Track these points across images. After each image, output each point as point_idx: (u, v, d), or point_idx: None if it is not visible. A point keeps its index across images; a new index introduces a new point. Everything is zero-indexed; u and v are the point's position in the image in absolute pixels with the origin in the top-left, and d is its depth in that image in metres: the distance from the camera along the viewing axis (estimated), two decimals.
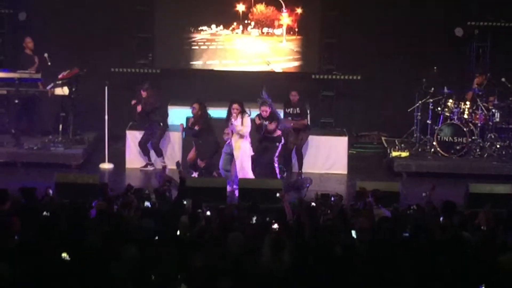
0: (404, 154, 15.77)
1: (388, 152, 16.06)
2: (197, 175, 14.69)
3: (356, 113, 17.68)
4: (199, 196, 11.37)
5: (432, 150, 15.88)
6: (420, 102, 16.20)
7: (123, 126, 16.06)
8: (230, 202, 12.83)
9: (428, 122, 16.13)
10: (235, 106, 14.01)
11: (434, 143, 15.80)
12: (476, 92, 16.08)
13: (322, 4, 17.28)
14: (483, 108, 15.80)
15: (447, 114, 15.93)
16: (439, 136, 15.76)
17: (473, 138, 15.74)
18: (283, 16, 17.28)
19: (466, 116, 15.86)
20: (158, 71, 17.33)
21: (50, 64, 15.96)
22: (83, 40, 17.18)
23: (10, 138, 15.69)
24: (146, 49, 17.44)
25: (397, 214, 10.99)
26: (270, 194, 11.80)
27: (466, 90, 16.31)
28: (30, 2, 17.09)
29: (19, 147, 15.50)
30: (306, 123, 15.48)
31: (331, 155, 15.76)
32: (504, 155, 15.68)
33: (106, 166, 15.57)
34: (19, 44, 16.72)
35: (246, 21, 17.30)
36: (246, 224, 9.78)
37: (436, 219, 10.31)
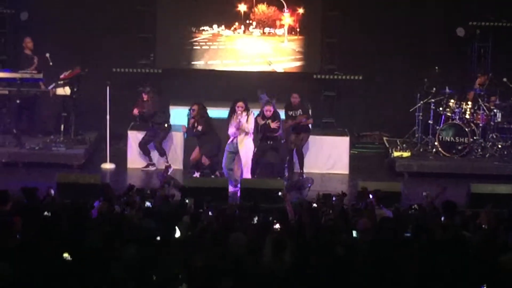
0: (406, 154, 15.77)
1: (390, 152, 16.06)
2: (198, 175, 14.70)
3: (358, 113, 17.68)
4: (201, 196, 11.37)
5: (434, 150, 15.87)
6: (421, 102, 16.19)
7: (124, 126, 16.06)
8: (231, 202, 12.83)
9: (429, 122, 16.12)
10: (240, 104, 14.05)
11: (436, 143, 15.79)
12: (477, 92, 16.08)
13: (324, 4, 17.29)
14: (484, 108, 15.80)
15: (448, 114, 15.93)
16: (440, 136, 15.76)
17: (474, 138, 15.73)
18: (284, 16, 17.29)
19: (467, 116, 15.86)
20: (159, 71, 17.33)
21: (51, 64, 15.96)
22: (85, 40, 17.19)
23: (12, 138, 15.68)
24: (147, 49, 17.44)
25: (398, 214, 10.98)
26: (272, 194, 11.80)
27: (468, 90, 16.30)
28: (31, 2, 17.10)
29: (21, 147, 15.50)
30: (312, 121, 15.50)
31: (332, 155, 15.76)
32: (506, 155, 15.68)
33: (107, 166, 15.58)
34: (21, 44, 16.71)
35: (248, 21, 17.30)
36: (248, 224, 9.78)
37: (438, 219, 10.30)
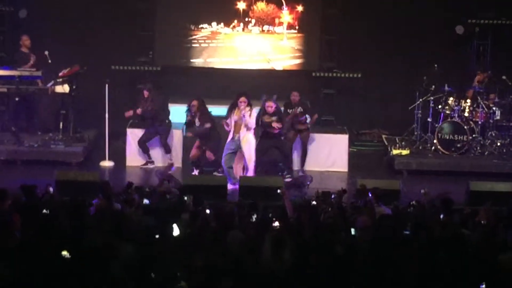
0: (405, 152, 15.77)
1: (389, 150, 16.05)
2: (197, 172, 14.69)
3: (357, 111, 17.68)
4: (200, 193, 11.36)
5: (433, 148, 15.86)
6: (420, 100, 16.18)
7: (123, 124, 16.04)
8: (230, 200, 12.82)
9: (428, 120, 16.11)
10: (242, 99, 14.02)
11: (435, 141, 15.79)
12: (476, 90, 16.08)
13: (323, 2, 17.31)
14: (483, 106, 15.80)
15: (447, 112, 15.92)
16: (439, 134, 15.75)
17: (473, 136, 15.73)
18: (283, 14, 17.28)
19: (466, 114, 15.86)
20: (158, 68, 17.32)
21: (50, 61, 15.94)
22: (84, 37, 17.18)
23: (11, 136, 15.67)
24: (146, 46, 17.44)
25: (397, 212, 10.98)
26: (271, 192, 11.79)
27: (467, 88, 16.31)
28: (30, 0, 17.08)
29: (20, 144, 15.49)
30: (316, 116, 15.54)
31: (331, 153, 15.74)
32: (505, 153, 15.68)
33: (106, 164, 15.57)
34: (19, 42, 16.69)
35: (247, 18, 17.31)
36: (246, 222, 9.77)
37: (437, 217, 10.30)
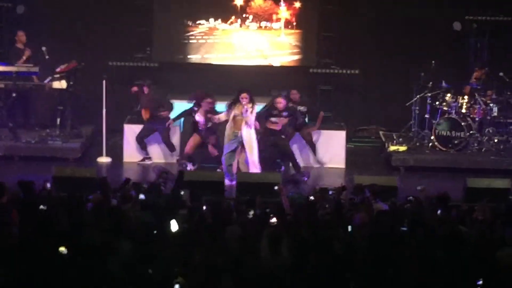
0: (402, 149, 15.77)
1: (386, 146, 16.06)
2: (192, 167, 14.63)
3: (354, 107, 17.67)
4: (197, 189, 11.36)
5: (430, 144, 15.86)
6: (418, 96, 16.18)
7: (121, 120, 16.04)
8: (228, 196, 12.82)
9: (426, 116, 16.11)
10: (244, 95, 13.99)
11: (432, 138, 15.79)
12: (474, 86, 16.09)
13: None
14: (481, 102, 15.80)
15: (445, 108, 15.92)
16: (437, 131, 15.76)
17: (471, 132, 15.72)
18: (281, 10, 17.26)
19: (464, 110, 15.86)
20: (156, 64, 17.31)
21: (47, 57, 15.92)
22: (81, 33, 17.16)
23: (8, 132, 15.66)
24: (144, 42, 17.42)
25: (394, 208, 10.99)
26: (269, 188, 11.79)
27: (464, 85, 16.31)
28: None
29: (17, 140, 15.49)
30: (323, 114, 15.58)
31: (329, 149, 15.72)
32: (502, 149, 15.67)
33: (103, 160, 15.56)
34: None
35: (244, 15, 17.28)
36: (244, 218, 9.78)
37: (434, 214, 10.31)
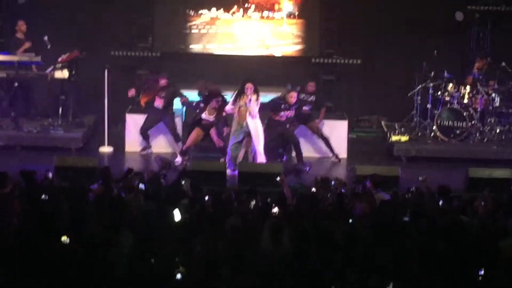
0: (404, 139, 15.76)
1: (388, 136, 16.06)
2: (182, 161, 14.42)
3: (356, 97, 17.66)
4: (199, 179, 11.37)
5: (432, 134, 15.86)
6: (420, 86, 16.16)
7: (122, 110, 16.04)
8: (229, 186, 12.83)
9: (428, 106, 16.10)
10: (249, 85, 13.97)
11: (434, 128, 15.78)
12: (476, 76, 16.08)
13: None
14: (483, 92, 15.79)
15: (447, 98, 15.91)
16: (439, 121, 15.75)
17: (473, 122, 15.72)
18: (283, 0, 17.23)
19: (466, 100, 15.84)
20: (158, 54, 17.30)
21: (49, 47, 15.91)
22: (83, 23, 17.14)
23: (10, 121, 15.67)
24: (146, 32, 17.41)
25: (396, 198, 10.99)
26: (270, 178, 11.80)
27: (466, 75, 16.31)
28: None
29: (19, 130, 15.50)
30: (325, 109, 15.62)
31: (331, 139, 15.71)
32: (504, 139, 15.68)
33: (105, 149, 15.56)
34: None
35: (246, 4, 17.25)
36: (245, 208, 9.78)
37: (435, 204, 10.32)
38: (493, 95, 15.79)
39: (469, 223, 9.23)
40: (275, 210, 9.49)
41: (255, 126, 14.02)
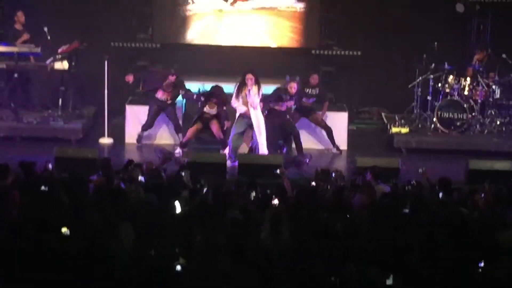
0: (404, 130, 15.76)
1: (388, 128, 16.05)
2: (181, 152, 14.40)
3: (356, 88, 17.63)
4: (199, 171, 11.37)
5: (432, 126, 15.84)
6: (420, 78, 16.14)
7: (122, 101, 16.02)
8: (229, 177, 12.82)
9: (428, 98, 16.09)
10: (249, 76, 13.94)
11: (434, 119, 15.77)
12: (476, 68, 16.06)
13: None
14: (483, 84, 15.78)
15: (447, 90, 15.90)
16: (439, 112, 15.74)
17: (473, 114, 15.71)
18: None
19: (466, 92, 15.83)
20: (158, 45, 17.28)
21: (49, 38, 15.88)
22: (83, 14, 17.11)
23: (10, 112, 15.66)
24: (145, 23, 17.39)
25: (396, 190, 10.99)
26: (270, 170, 11.80)
27: (467, 66, 16.29)
28: None
29: (19, 121, 15.49)
30: (328, 103, 15.56)
31: None
32: (504, 131, 15.69)
33: (105, 140, 15.54)
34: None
35: None
36: (244, 200, 9.78)
37: (436, 196, 10.32)
38: (493, 87, 15.79)
39: (469, 215, 9.23)
40: (275, 201, 9.49)
41: (257, 117, 14.01)
